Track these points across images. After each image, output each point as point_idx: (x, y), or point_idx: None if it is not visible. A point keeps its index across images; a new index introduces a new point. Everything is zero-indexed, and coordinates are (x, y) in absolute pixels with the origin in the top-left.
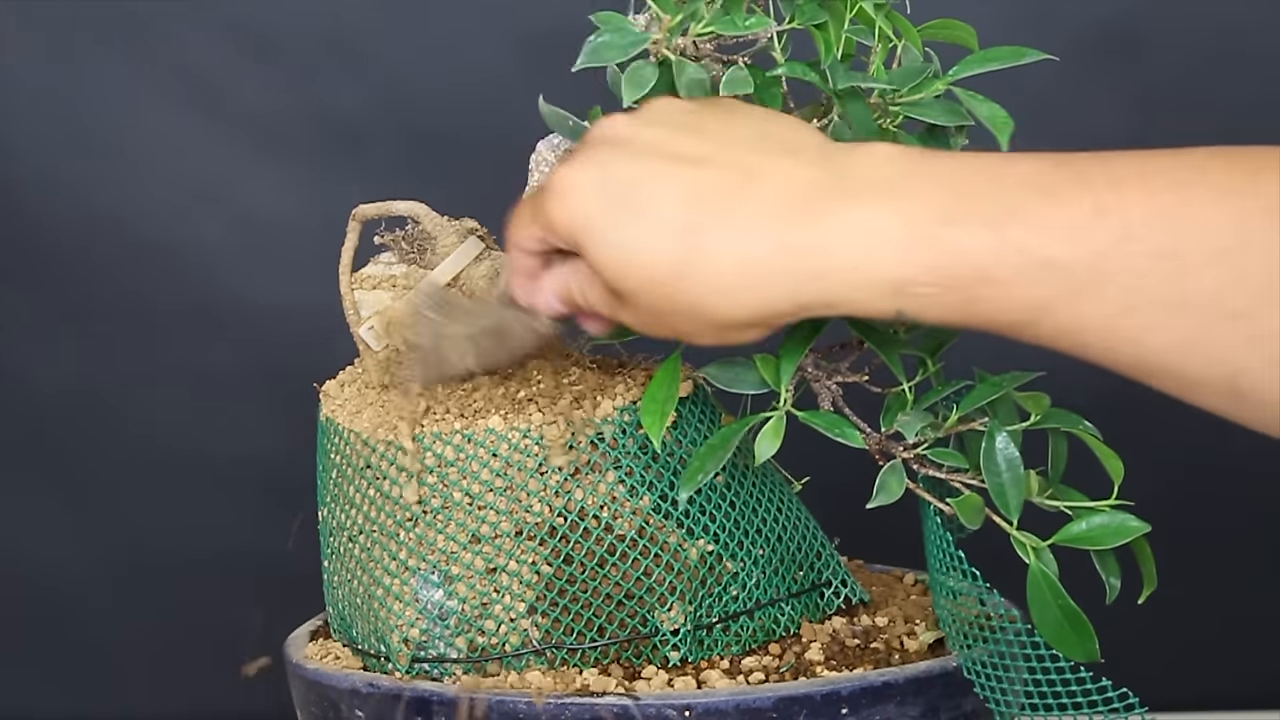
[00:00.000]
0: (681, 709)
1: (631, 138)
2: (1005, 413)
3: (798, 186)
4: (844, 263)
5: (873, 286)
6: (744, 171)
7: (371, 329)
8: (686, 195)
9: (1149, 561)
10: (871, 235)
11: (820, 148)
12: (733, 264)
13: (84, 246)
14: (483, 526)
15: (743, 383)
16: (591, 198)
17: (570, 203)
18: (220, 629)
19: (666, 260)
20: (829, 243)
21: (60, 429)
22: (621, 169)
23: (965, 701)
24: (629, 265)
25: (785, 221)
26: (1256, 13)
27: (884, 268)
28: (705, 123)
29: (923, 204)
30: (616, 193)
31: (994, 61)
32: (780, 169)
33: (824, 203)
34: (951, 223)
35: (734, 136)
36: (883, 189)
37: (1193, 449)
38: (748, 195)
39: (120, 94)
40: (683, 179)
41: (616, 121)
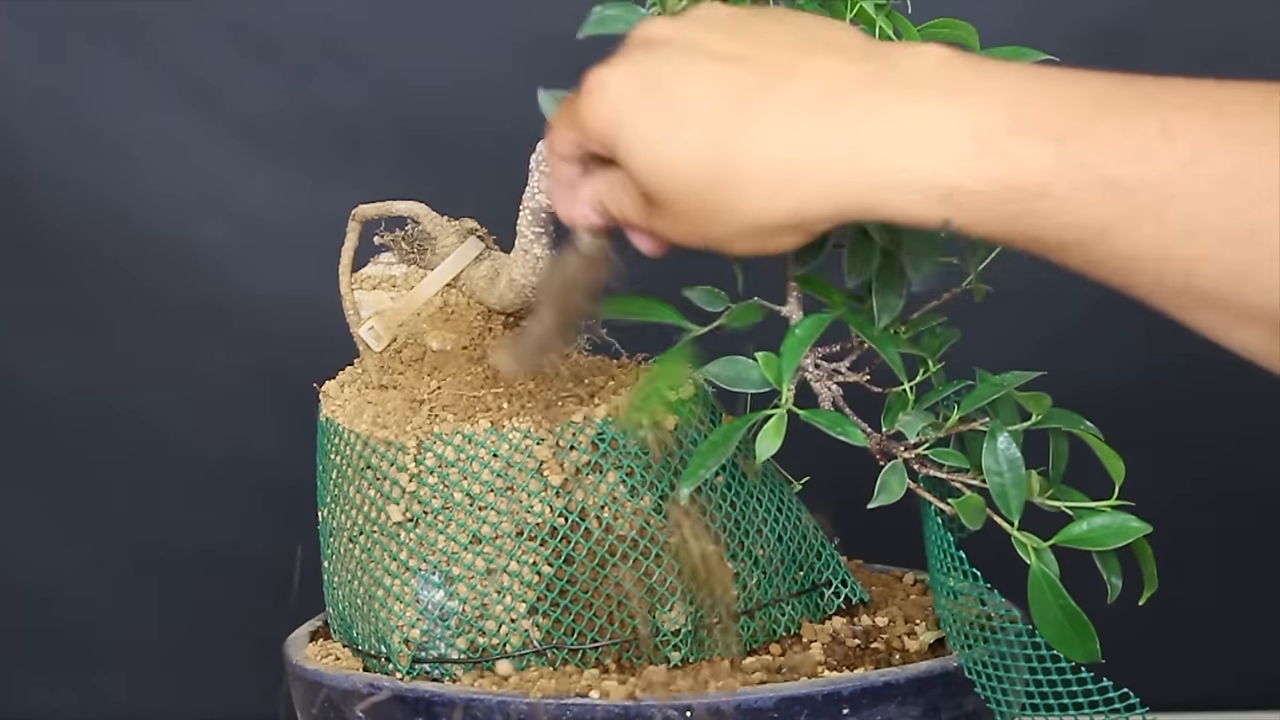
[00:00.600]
0: (682, 709)
1: (670, 38)
2: (1006, 413)
3: (841, 81)
4: (893, 163)
5: (923, 191)
6: (783, 68)
7: (371, 329)
8: (722, 91)
9: (1150, 562)
10: (926, 136)
11: (865, 44)
12: (768, 160)
13: (84, 246)
14: (483, 527)
15: (745, 382)
16: (624, 94)
17: (602, 100)
18: (220, 629)
19: (700, 157)
20: (876, 140)
21: (60, 428)
22: (656, 66)
23: (966, 701)
24: (661, 163)
25: (827, 116)
26: (1256, 13)
27: (938, 172)
28: (747, 24)
29: (984, 109)
30: (650, 89)
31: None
32: (822, 65)
33: (870, 97)
34: (1015, 132)
35: (775, 36)
36: (939, 89)
37: (1193, 449)
38: (786, 90)
39: (121, 94)
40: (719, 75)
41: (656, 22)
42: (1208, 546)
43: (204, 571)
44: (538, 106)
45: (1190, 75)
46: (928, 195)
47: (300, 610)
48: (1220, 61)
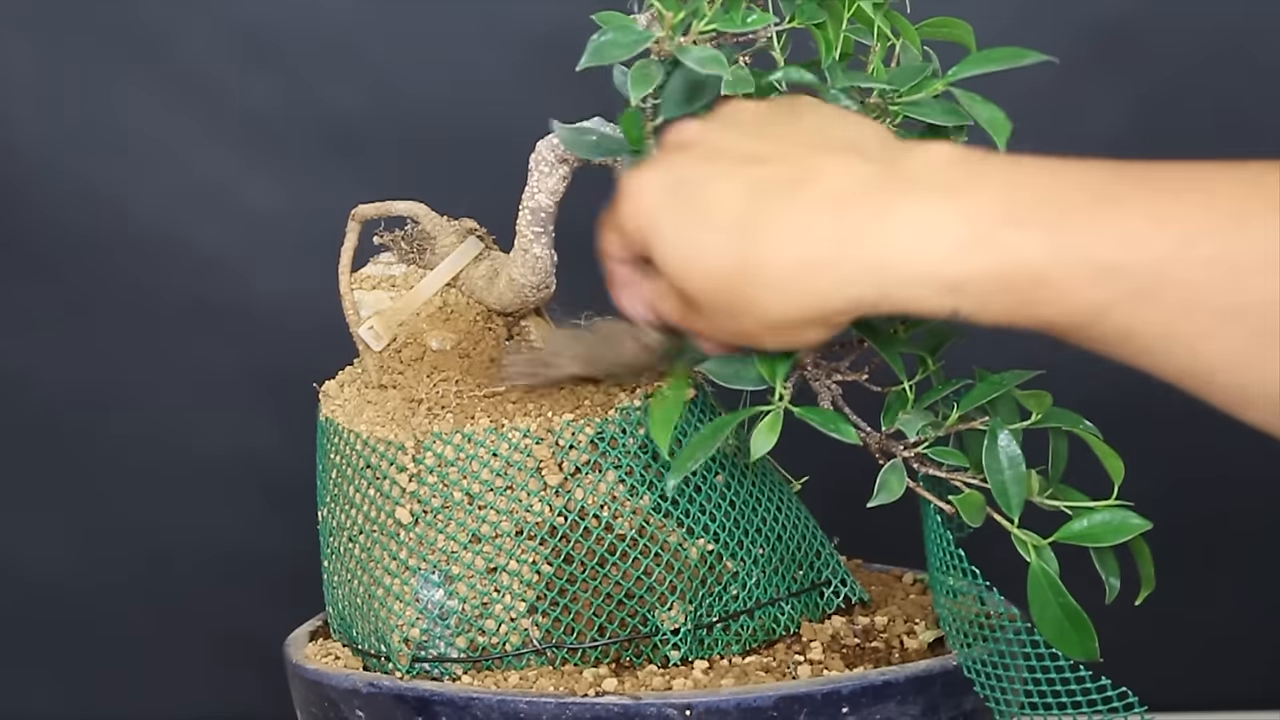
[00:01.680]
0: (682, 708)
1: (698, 141)
2: (1006, 411)
3: (854, 182)
4: (901, 260)
5: (929, 285)
6: (802, 168)
7: (371, 329)
8: (745, 192)
9: (1148, 563)
10: (929, 233)
11: (881, 144)
12: (787, 259)
13: (84, 246)
14: (483, 526)
15: (742, 379)
16: (656, 198)
17: (636, 204)
18: (221, 628)
19: (725, 257)
20: (885, 239)
21: (59, 427)
22: (685, 170)
23: (966, 700)
24: (690, 264)
25: (841, 217)
26: (1256, 13)
27: (941, 266)
28: (771, 123)
29: (982, 204)
30: (677, 192)
31: (993, 63)
32: (838, 165)
33: (881, 198)
34: (1011, 224)
35: (796, 135)
36: (942, 187)
37: (1193, 449)
38: (804, 191)
39: (121, 94)
40: (742, 177)
41: (687, 127)
42: (1208, 546)
43: (204, 571)
44: (537, 106)
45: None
46: (936, 288)
47: (300, 610)
48: (1220, 61)
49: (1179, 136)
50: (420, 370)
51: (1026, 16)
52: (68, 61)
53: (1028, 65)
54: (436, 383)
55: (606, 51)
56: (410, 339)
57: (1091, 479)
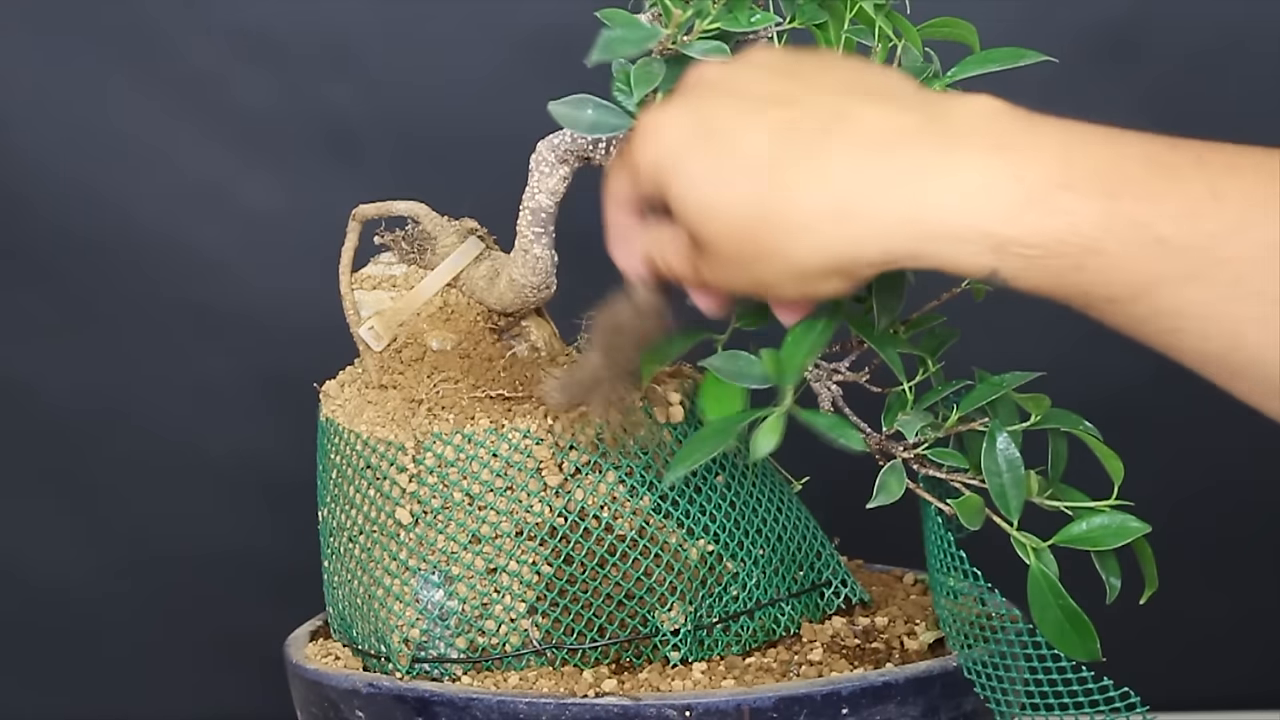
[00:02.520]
0: (682, 709)
1: (722, 80)
2: (1006, 413)
3: (893, 129)
4: (945, 212)
5: (973, 242)
6: (836, 113)
7: (371, 329)
8: (774, 133)
9: (1150, 562)
10: (979, 188)
11: (918, 93)
12: (820, 203)
13: (84, 247)
14: (483, 527)
15: (746, 377)
16: (677, 136)
17: (655, 141)
18: (221, 629)
19: (752, 199)
20: (929, 190)
21: (60, 429)
22: (710, 109)
23: (966, 701)
24: (714, 205)
25: (879, 165)
26: (1256, 13)
27: (989, 223)
28: (798, 67)
29: (1037, 163)
30: (703, 131)
31: (993, 63)
32: (875, 112)
33: (925, 148)
34: (1067, 188)
35: (827, 80)
36: (991, 141)
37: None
38: (839, 135)
39: (121, 94)
40: (771, 118)
41: (709, 66)
42: (1208, 546)
43: (205, 572)
44: (538, 106)
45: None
46: (979, 246)
47: (301, 610)
48: (1220, 61)
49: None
50: (420, 370)
51: (1027, 17)
52: (67, 64)
53: (1028, 65)
54: (437, 383)
55: (616, 47)
56: (410, 339)
57: (1091, 479)
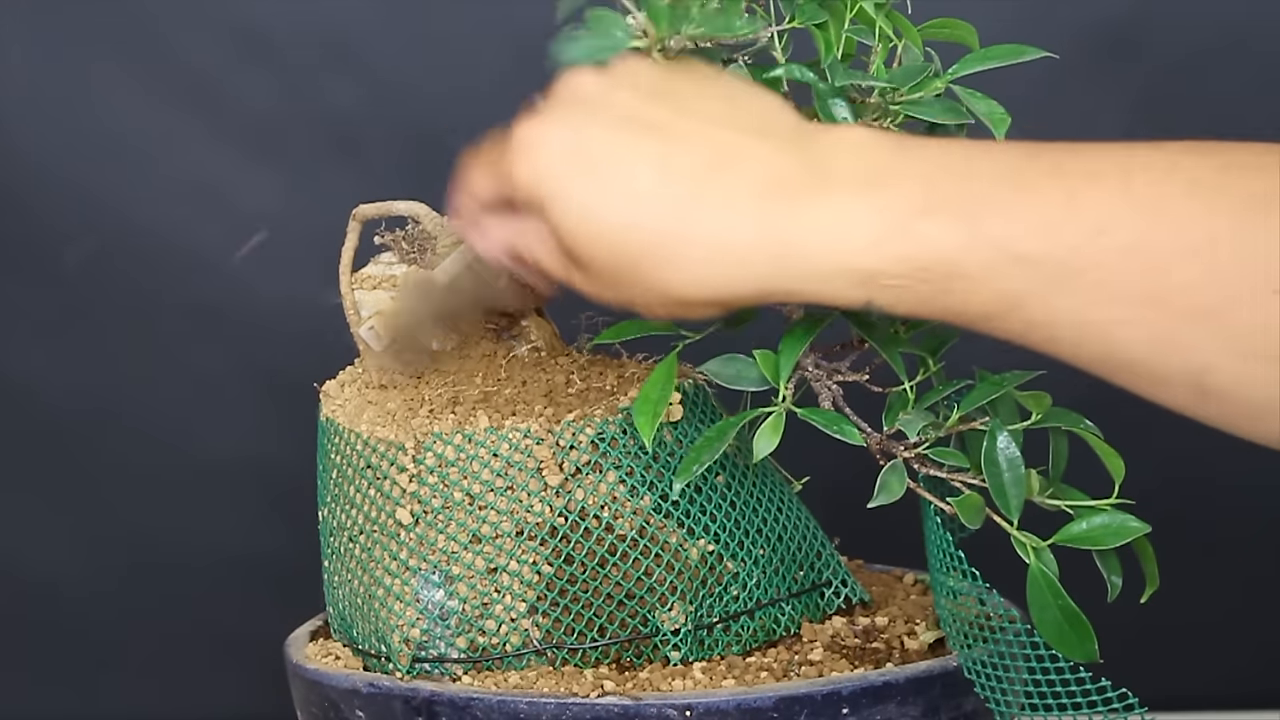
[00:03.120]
0: (682, 709)
1: (603, 99)
2: (1006, 412)
3: (774, 173)
4: (814, 251)
5: (842, 277)
6: (721, 151)
7: (371, 329)
8: (662, 169)
9: (1151, 561)
10: (843, 226)
11: (795, 129)
12: (705, 244)
13: (83, 247)
14: (483, 526)
15: (744, 380)
16: (560, 159)
17: (537, 161)
18: (221, 629)
19: (638, 234)
20: (801, 231)
21: (60, 428)
22: (593, 133)
23: (966, 701)
24: (597, 234)
25: (761, 208)
26: (1256, 12)
27: (854, 258)
28: (678, 90)
29: (896, 196)
30: (587, 157)
31: (993, 59)
32: (757, 152)
33: (799, 192)
34: (924, 215)
35: (708, 110)
36: (857, 180)
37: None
38: (725, 176)
39: (121, 94)
40: (658, 152)
41: (586, 80)
42: (1208, 545)
43: (205, 572)
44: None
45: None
46: (848, 280)
47: (301, 611)
48: (1220, 61)
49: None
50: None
51: (1027, 17)
52: (66, 63)
53: (1029, 65)
54: (437, 383)
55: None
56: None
57: (1093, 478)
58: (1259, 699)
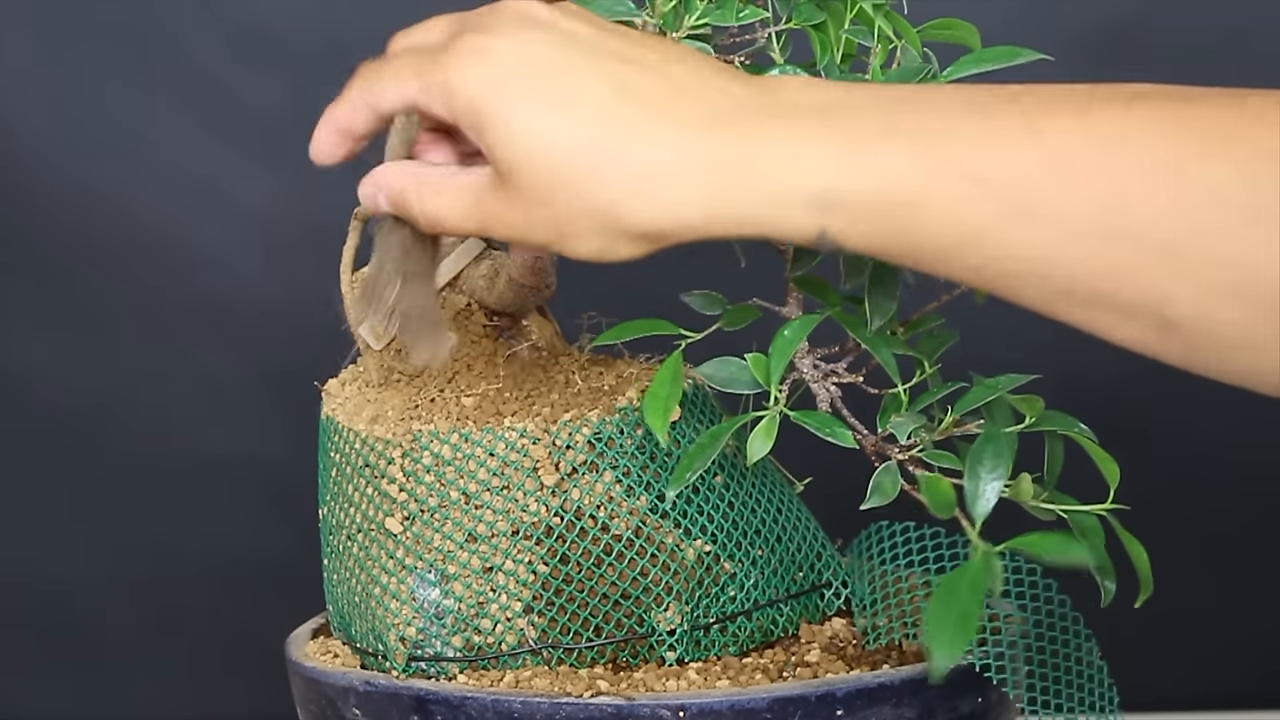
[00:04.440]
0: (676, 709)
1: (553, 22)
2: (1001, 415)
3: (729, 101)
4: (768, 171)
5: (795, 202)
6: (675, 81)
7: (372, 327)
8: (616, 92)
9: (1145, 566)
10: (800, 148)
11: (745, 75)
12: (655, 166)
13: (84, 247)
14: (479, 525)
15: (738, 383)
16: (509, 70)
17: (483, 69)
18: (222, 629)
19: (587, 146)
20: (756, 153)
21: (60, 428)
22: (546, 50)
23: (962, 704)
24: (542, 151)
25: (714, 132)
26: (1256, 13)
27: (809, 180)
28: (626, 32)
29: (855, 121)
30: (539, 72)
31: (989, 61)
32: (711, 83)
33: (754, 118)
34: (884, 138)
35: (662, 50)
36: (814, 109)
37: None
38: (679, 102)
39: (121, 94)
40: (614, 76)
41: (534, 4)
42: (1208, 545)
43: (206, 572)
44: None
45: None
46: (802, 204)
47: (301, 611)
48: (1220, 61)
49: None
50: (419, 370)
51: (1027, 17)
52: (68, 62)
53: (1029, 66)
54: (436, 382)
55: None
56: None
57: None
58: (1259, 699)
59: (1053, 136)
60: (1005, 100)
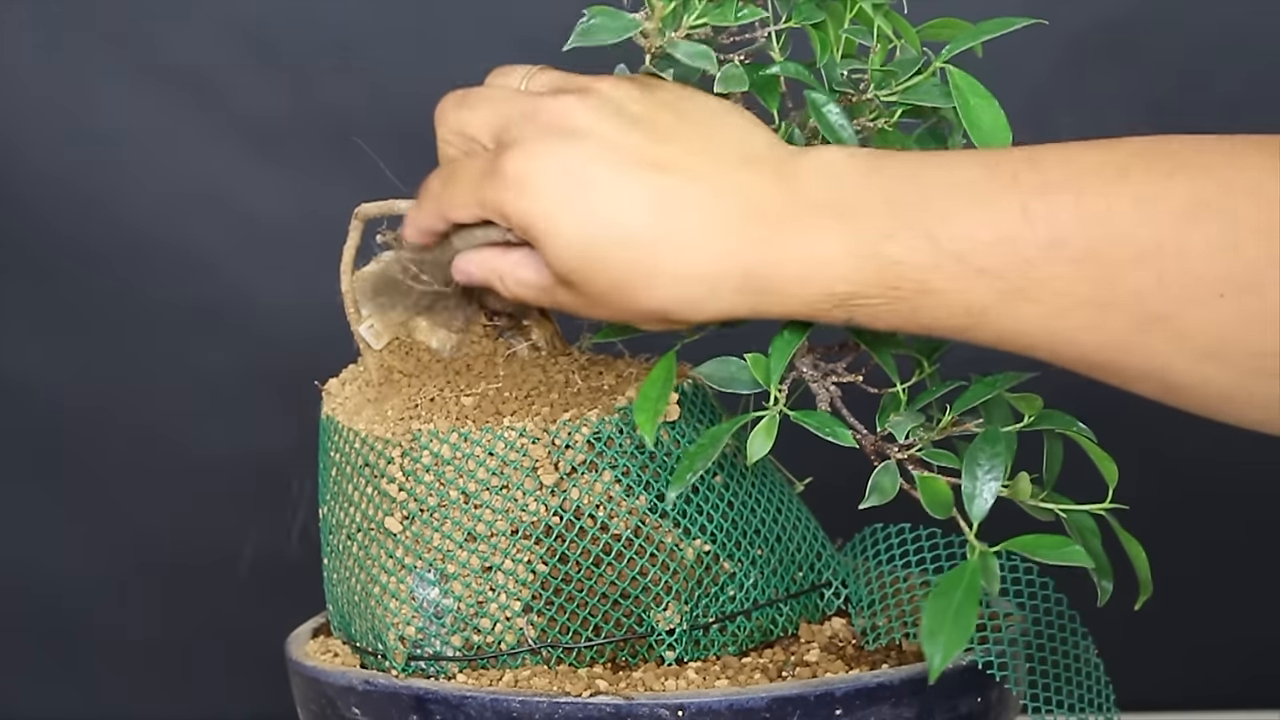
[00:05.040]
0: (674, 709)
1: (588, 130)
2: (999, 414)
3: (756, 203)
4: (793, 278)
5: (821, 301)
6: (707, 184)
7: (371, 327)
8: (653, 204)
9: (1144, 567)
10: (820, 254)
11: (771, 153)
12: (696, 275)
13: (83, 246)
14: (478, 525)
15: (737, 383)
16: (552, 194)
17: (529, 196)
18: (222, 629)
19: (626, 267)
20: (782, 259)
21: (59, 428)
22: (583, 167)
23: (962, 703)
24: (591, 263)
25: (745, 238)
26: (1256, 13)
27: (830, 284)
28: (658, 117)
29: (866, 220)
30: (579, 192)
31: (984, 33)
32: (740, 183)
33: (776, 221)
34: (891, 236)
35: (691, 140)
36: (830, 207)
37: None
38: (712, 209)
39: (120, 94)
40: (648, 186)
41: (571, 107)
42: (1208, 545)
43: (205, 572)
44: None
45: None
46: (827, 303)
47: (301, 611)
48: (1220, 61)
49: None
50: (419, 369)
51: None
52: (65, 62)
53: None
54: (435, 381)
55: (595, 34)
56: (410, 338)
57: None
58: (1258, 699)
59: (1045, 222)
60: (1005, 184)
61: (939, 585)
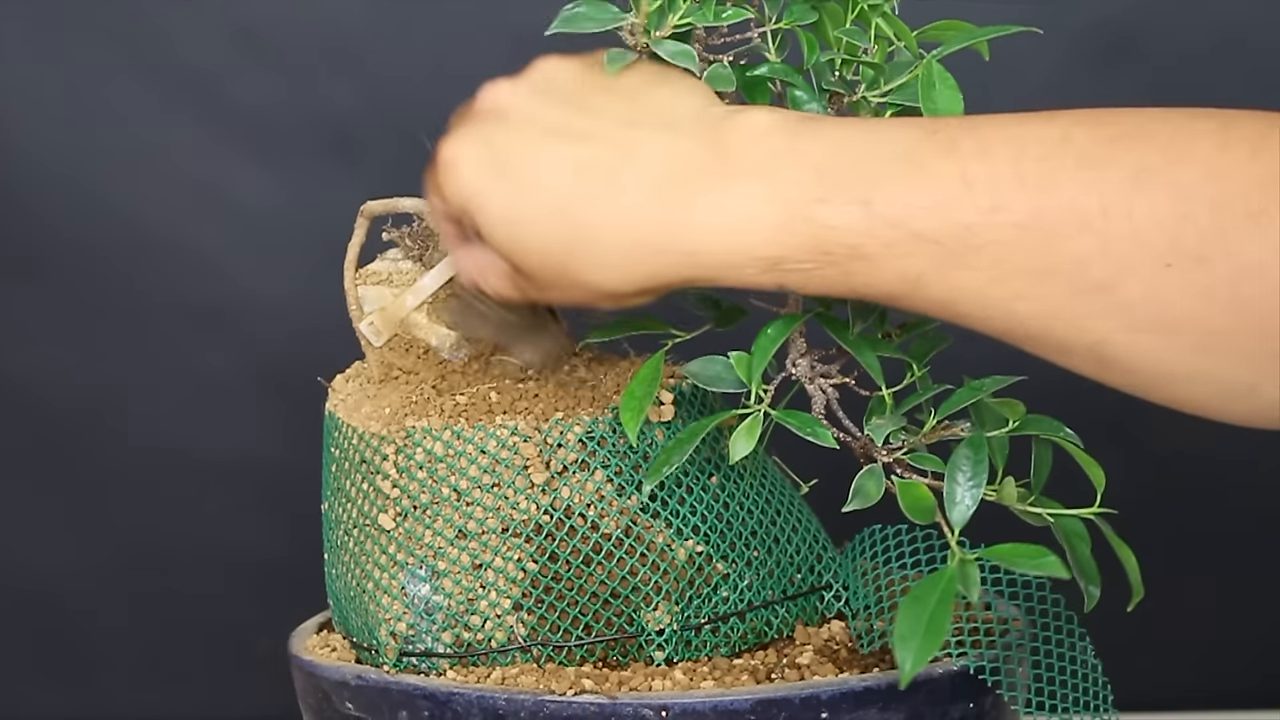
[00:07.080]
0: (658, 709)
1: (512, 108)
2: (990, 419)
3: (675, 164)
4: (720, 242)
5: (749, 265)
6: (623, 148)
7: (372, 324)
8: (568, 172)
9: (1134, 570)
10: (745, 216)
11: (698, 117)
12: (615, 242)
13: (82, 247)
14: (469, 522)
15: (723, 381)
16: (475, 172)
17: (456, 178)
18: (221, 629)
19: (553, 237)
20: (705, 221)
21: (60, 429)
22: (505, 143)
23: (953, 709)
24: (517, 239)
25: (664, 200)
26: (1256, 12)
27: (758, 247)
28: (586, 90)
29: (795, 183)
30: (500, 168)
31: (976, 36)
32: (659, 144)
33: (701, 182)
34: (822, 200)
35: (614, 108)
36: (757, 169)
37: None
38: (627, 173)
39: (120, 94)
40: (564, 155)
41: (499, 90)
42: (1206, 545)
43: (205, 573)
44: None
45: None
46: (756, 267)
47: (301, 611)
48: (1220, 61)
49: None
50: (418, 367)
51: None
52: (66, 62)
53: (1030, 67)
54: (432, 379)
55: (578, 22)
56: (409, 335)
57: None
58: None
59: (985, 187)
60: (942, 148)
61: (915, 590)
